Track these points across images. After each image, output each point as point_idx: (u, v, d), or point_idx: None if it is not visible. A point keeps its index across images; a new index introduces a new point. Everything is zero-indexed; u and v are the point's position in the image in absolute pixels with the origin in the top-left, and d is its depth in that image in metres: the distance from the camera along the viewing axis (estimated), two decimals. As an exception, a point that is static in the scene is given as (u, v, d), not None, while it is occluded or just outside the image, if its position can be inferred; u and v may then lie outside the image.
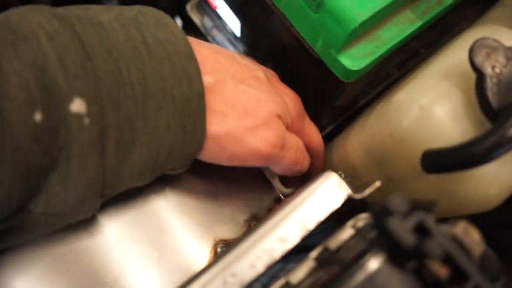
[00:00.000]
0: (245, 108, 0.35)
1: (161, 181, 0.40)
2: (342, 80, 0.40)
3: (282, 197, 0.44)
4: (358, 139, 0.40)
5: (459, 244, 0.24)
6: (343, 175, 0.36)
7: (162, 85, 0.31)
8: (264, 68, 0.44)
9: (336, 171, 0.34)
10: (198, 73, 0.33)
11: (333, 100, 0.47)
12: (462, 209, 0.33)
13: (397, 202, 0.21)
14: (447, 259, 0.23)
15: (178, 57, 0.32)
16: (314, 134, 0.45)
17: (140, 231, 0.38)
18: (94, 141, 0.28)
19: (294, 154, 0.39)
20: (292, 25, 0.42)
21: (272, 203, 0.44)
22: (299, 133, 0.42)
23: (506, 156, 0.30)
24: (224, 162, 0.37)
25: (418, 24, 0.39)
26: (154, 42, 0.32)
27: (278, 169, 0.40)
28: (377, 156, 0.36)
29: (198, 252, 0.38)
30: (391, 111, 0.33)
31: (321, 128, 0.59)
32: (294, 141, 0.39)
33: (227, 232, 0.40)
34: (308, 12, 0.38)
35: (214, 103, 0.34)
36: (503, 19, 0.38)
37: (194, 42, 0.35)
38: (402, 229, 0.22)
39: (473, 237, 0.24)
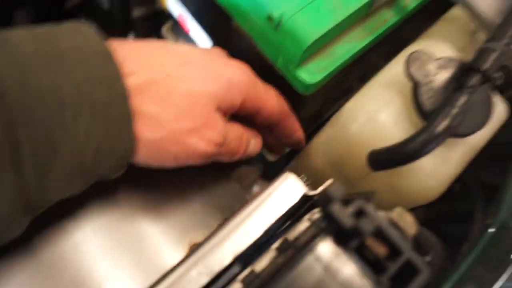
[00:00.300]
0: (179, 108, 0.34)
1: (138, 191, 0.43)
2: (302, 93, 0.44)
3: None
4: (317, 146, 0.44)
5: (395, 225, 0.27)
6: (304, 178, 0.40)
7: (77, 91, 0.29)
8: (203, 48, 0.42)
9: (299, 175, 0.37)
10: (117, 75, 0.31)
11: (296, 113, 0.52)
12: (408, 201, 0.37)
13: (335, 188, 0.25)
14: (385, 240, 0.27)
15: (93, 60, 0.31)
16: (273, 98, 0.42)
17: (119, 240, 0.41)
18: (6, 158, 0.27)
19: (237, 146, 0.39)
20: (256, 45, 0.46)
21: (244, 208, 0.47)
22: (256, 102, 0.40)
23: (442, 152, 0.34)
24: (170, 164, 0.36)
25: (367, 40, 0.44)
26: (67, 49, 0.30)
27: (220, 159, 0.40)
28: (334, 159, 0.40)
29: (174, 257, 0.41)
30: (342, 118, 0.37)
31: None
32: (235, 133, 0.39)
33: (201, 236, 0.43)
34: (269, 32, 0.42)
35: (144, 105, 0.32)
36: (440, 33, 0.43)
37: (116, 42, 0.34)
38: (343, 213, 0.25)
39: (407, 220, 0.28)
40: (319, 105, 0.56)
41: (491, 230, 0.32)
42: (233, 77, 0.38)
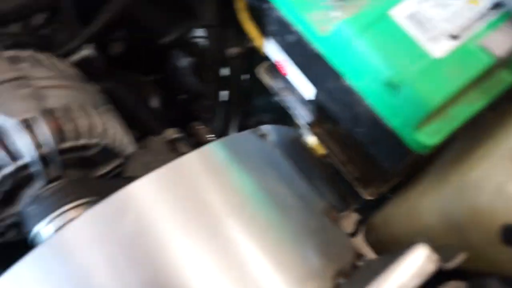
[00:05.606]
0: None
1: (252, 238, 0.45)
2: (416, 152, 0.45)
3: (361, 253, 0.49)
4: (434, 204, 0.44)
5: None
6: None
7: None
8: None
9: (406, 230, 0.38)
10: None
11: (404, 164, 0.52)
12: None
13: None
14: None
15: None
16: None
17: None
18: None
19: None
20: (368, 103, 0.47)
21: (355, 258, 0.49)
22: None
23: None
24: None
25: (483, 101, 0.44)
26: None
27: None
28: (454, 222, 0.40)
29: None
30: (470, 189, 0.38)
31: (386, 180, 0.64)
32: None
33: (318, 288, 0.44)
34: (387, 95, 0.43)
35: None
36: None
37: None
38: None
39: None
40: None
41: None
42: None
